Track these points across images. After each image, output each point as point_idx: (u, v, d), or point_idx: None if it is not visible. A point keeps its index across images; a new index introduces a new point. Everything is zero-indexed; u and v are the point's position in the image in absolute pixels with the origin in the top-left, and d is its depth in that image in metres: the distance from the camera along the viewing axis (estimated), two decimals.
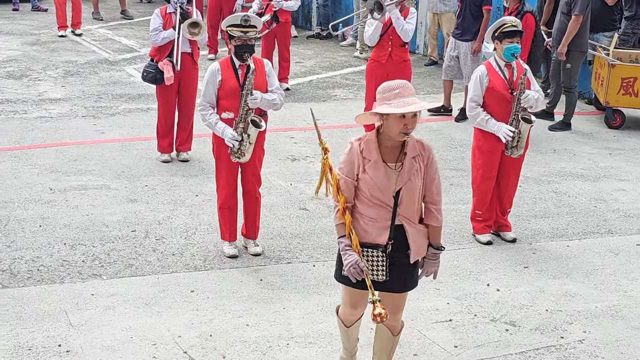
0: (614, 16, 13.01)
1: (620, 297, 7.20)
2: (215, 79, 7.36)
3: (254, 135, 7.36)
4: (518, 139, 7.92)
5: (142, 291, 6.98)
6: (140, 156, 10.17)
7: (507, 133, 7.80)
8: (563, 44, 11.71)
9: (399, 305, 5.49)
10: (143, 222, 8.31)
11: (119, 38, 17.24)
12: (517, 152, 7.99)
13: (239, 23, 7.31)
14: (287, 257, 7.74)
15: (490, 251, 8.02)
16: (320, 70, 15.20)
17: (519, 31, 7.90)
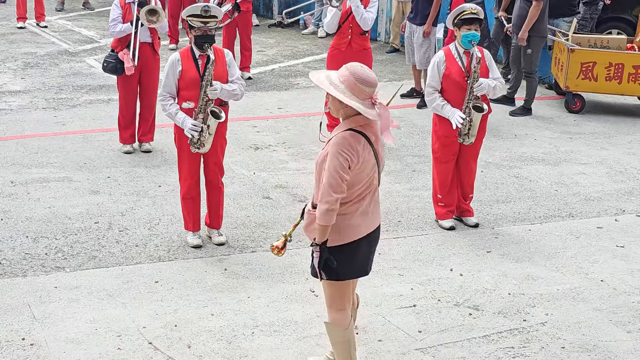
0: (572, 1, 13.10)
1: (581, 279, 7.29)
2: (176, 69, 7.34)
3: (214, 126, 7.35)
4: (469, 127, 7.95)
5: (105, 283, 6.96)
6: (102, 148, 10.12)
7: (459, 119, 7.84)
8: (524, 30, 11.78)
9: None
10: (106, 214, 8.27)
11: (79, 29, 17.10)
12: (469, 140, 8.00)
13: (199, 13, 7.29)
14: (251, 246, 7.75)
15: (453, 236, 8.07)
16: (282, 58, 15.19)
17: (478, 18, 7.90)
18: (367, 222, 5.28)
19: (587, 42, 12.47)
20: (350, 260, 5.29)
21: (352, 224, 5.22)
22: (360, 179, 5.18)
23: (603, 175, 9.79)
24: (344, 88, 5.04)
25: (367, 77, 5.03)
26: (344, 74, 5.07)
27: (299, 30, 17.73)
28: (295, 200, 8.74)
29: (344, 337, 5.48)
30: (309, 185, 9.11)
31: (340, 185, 5.06)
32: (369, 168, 5.19)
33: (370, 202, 5.30)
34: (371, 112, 5.02)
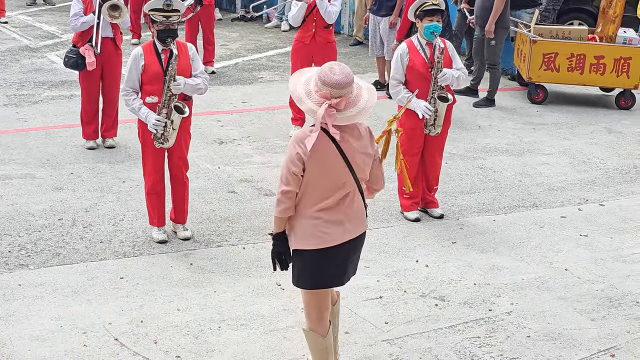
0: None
1: (545, 268, 7.34)
2: (138, 64, 7.30)
3: (177, 121, 7.32)
4: (435, 117, 7.99)
5: (70, 280, 6.91)
6: (65, 144, 10.04)
7: (424, 110, 7.87)
8: (490, 22, 11.82)
9: None
10: (70, 210, 8.21)
11: (39, 24, 16.95)
12: (435, 131, 8.03)
13: (161, 7, 7.24)
14: (216, 240, 7.73)
15: (419, 228, 8.10)
16: (246, 52, 15.15)
17: (440, 10, 7.91)
18: (340, 231, 5.10)
19: (549, 33, 12.55)
20: (323, 268, 5.16)
21: (322, 231, 5.07)
22: (323, 181, 5.03)
23: (566, 165, 9.87)
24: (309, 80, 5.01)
25: (323, 74, 4.89)
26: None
27: (263, 24, 17.70)
28: (261, 194, 8.73)
29: (322, 345, 5.40)
30: (274, 178, 9.10)
31: (287, 178, 5.00)
32: (335, 171, 5.02)
33: (344, 209, 5.11)
34: (307, 104, 4.92)
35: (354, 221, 5.16)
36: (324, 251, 5.11)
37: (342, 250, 5.16)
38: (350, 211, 5.14)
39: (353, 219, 5.16)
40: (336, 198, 5.08)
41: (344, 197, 5.10)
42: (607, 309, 6.69)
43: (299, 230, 5.13)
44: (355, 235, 5.18)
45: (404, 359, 5.98)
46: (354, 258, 5.30)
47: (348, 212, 5.12)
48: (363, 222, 5.25)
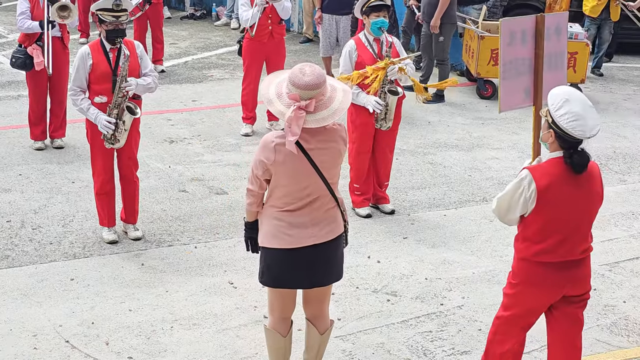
0: None
1: (496, 262, 7.41)
2: (86, 63, 7.24)
3: (129, 121, 7.27)
4: (386, 112, 7.99)
5: (19, 282, 6.84)
6: (12, 145, 9.92)
7: (375, 105, 7.86)
8: (436, 18, 11.90)
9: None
10: (18, 212, 8.12)
11: None
12: (387, 125, 8.05)
13: (110, 7, 7.18)
14: (168, 240, 7.69)
15: (370, 224, 8.13)
16: (195, 51, 15.08)
17: (386, 5, 7.95)
18: (304, 234, 5.05)
19: (497, 29, 12.62)
20: (285, 269, 5.12)
21: (285, 232, 5.05)
22: (289, 186, 4.99)
23: (515, 160, 9.95)
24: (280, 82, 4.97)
25: (293, 76, 4.85)
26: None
27: (212, 22, 17.63)
28: (212, 193, 8.70)
29: (280, 344, 5.39)
30: (225, 177, 9.08)
31: (252, 179, 5.07)
32: (302, 177, 4.96)
33: (311, 214, 5.06)
34: (276, 106, 4.88)
35: (321, 225, 5.08)
36: (286, 252, 5.08)
37: (306, 254, 5.09)
38: (317, 215, 5.07)
39: (320, 223, 5.08)
40: (303, 202, 5.03)
41: (312, 202, 5.05)
42: None
43: (264, 228, 5.14)
44: (322, 240, 5.09)
45: (357, 354, 6.01)
46: (323, 262, 5.16)
47: (315, 217, 5.06)
48: (334, 227, 5.15)
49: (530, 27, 5.83)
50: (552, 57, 5.98)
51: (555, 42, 6.00)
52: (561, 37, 6.09)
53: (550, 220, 4.92)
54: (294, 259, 5.10)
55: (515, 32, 5.83)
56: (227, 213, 8.25)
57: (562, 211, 4.94)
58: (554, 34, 6.09)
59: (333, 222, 5.15)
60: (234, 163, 9.52)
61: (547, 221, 4.96)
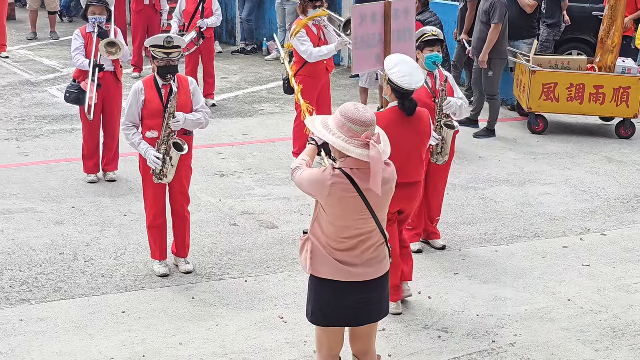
0: (532, 23, 13.23)
1: (548, 299, 7.32)
2: (139, 99, 7.33)
3: (176, 158, 7.32)
4: (442, 146, 7.97)
5: (72, 314, 6.89)
6: (66, 178, 10.04)
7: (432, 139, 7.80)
8: (484, 53, 11.88)
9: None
10: (71, 245, 8.20)
11: (40, 59, 17.02)
12: (442, 159, 8.02)
13: (162, 44, 7.27)
14: (218, 273, 7.71)
15: (421, 259, 8.08)
16: (246, 85, 15.20)
17: (440, 40, 7.96)
18: (354, 272, 5.05)
19: (548, 64, 12.60)
20: (334, 306, 5.12)
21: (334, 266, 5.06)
22: (341, 224, 4.98)
23: (567, 195, 9.86)
24: (334, 126, 4.90)
25: (356, 115, 4.84)
26: (335, 115, 4.94)
27: (262, 57, 17.77)
28: (262, 227, 8.72)
29: None
30: (275, 211, 9.10)
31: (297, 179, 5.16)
32: (352, 216, 4.96)
33: (361, 254, 5.06)
34: (355, 151, 4.82)
35: (371, 263, 5.10)
36: (336, 289, 5.08)
37: (355, 291, 5.09)
38: (368, 253, 5.09)
39: (370, 261, 5.10)
40: (355, 241, 5.04)
41: (363, 241, 5.06)
42: (610, 339, 6.66)
43: (317, 254, 5.11)
44: (371, 277, 5.11)
45: None
46: (372, 299, 5.16)
47: (366, 255, 5.08)
48: (383, 264, 5.17)
49: (380, 10, 7.91)
50: (401, 32, 8.07)
51: (403, 21, 8.08)
52: (409, 17, 8.19)
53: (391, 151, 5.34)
54: (344, 296, 5.09)
55: (365, 14, 7.86)
56: (278, 247, 8.25)
57: (398, 145, 6.22)
58: (403, 15, 8.12)
59: (383, 260, 5.17)
60: (284, 197, 9.53)
61: None
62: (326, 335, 5.27)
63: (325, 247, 5.07)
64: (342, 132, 4.86)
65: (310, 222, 5.20)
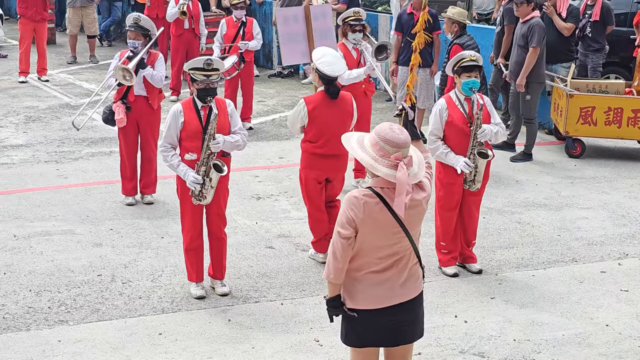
0: (570, 46, 13.20)
1: (586, 324, 7.26)
2: (178, 121, 7.40)
3: (216, 179, 7.37)
4: (475, 173, 8.00)
5: (109, 336, 6.94)
6: (104, 200, 10.14)
7: (464, 166, 7.89)
8: (522, 77, 11.86)
9: None
10: (109, 266, 8.27)
11: (80, 82, 17.21)
12: (475, 186, 8.05)
13: (201, 67, 7.34)
14: (254, 296, 7.73)
15: (457, 283, 8.06)
16: (283, 108, 15.26)
17: (478, 66, 7.97)
18: (389, 294, 5.07)
19: (586, 87, 12.54)
20: (369, 328, 5.12)
21: (371, 293, 5.06)
22: (371, 245, 5.00)
23: (605, 220, 9.79)
24: (368, 144, 4.96)
25: (389, 135, 4.89)
26: (371, 134, 5.00)
27: (299, 80, 17.84)
28: (298, 250, 8.74)
29: None
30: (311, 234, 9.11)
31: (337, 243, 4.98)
32: (385, 234, 4.98)
33: (396, 275, 5.07)
34: (382, 170, 4.86)
35: (406, 284, 5.11)
36: (376, 312, 5.07)
37: (391, 312, 5.09)
38: (402, 274, 5.10)
39: (407, 280, 5.11)
40: (389, 262, 5.05)
41: (398, 261, 5.07)
42: None
43: (348, 289, 5.12)
44: (407, 299, 5.11)
45: None
46: (408, 319, 5.17)
47: (400, 275, 5.09)
48: (418, 283, 5.19)
49: (300, 12, 9.96)
50: (322, 32, 10.06)
51: (323, 22, 10.13)
52: (327, 19, 10.39)
53: (319, 128, 8.06)
54: (379, 318, 5.09)
55: (288, 16, 9.96)
56: (314, 270, 8.26)
57: (325, 122, 8.05)
58: (321, 17, 10.21)
59: (417, 280, 5.17)
60: None
61: (317, 129, 8.08)
62: (361, 357, 5.25)
63: (360, 279, 5.06)
64: (374, 150, 4.90)
65: None
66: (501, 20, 13.22)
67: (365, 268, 5.05)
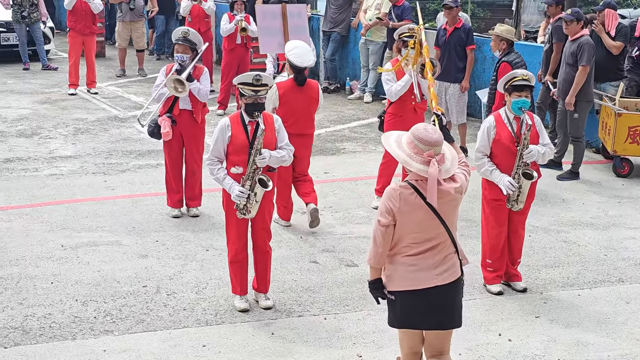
0: (619, 65, 13.10)
1: (632, 345, 7.18)
2: (225, 135, 7.45)
3: (261, 193, 7.41)
4: (518, 194, 7.91)
5: (153, 347, 6.99)
6: (150, 212, 10.23)
7: (508, 186, 7.83)
8: (571, 95, 11.77)
9: None
10: (154, 277, 8.33)
11: (128, 95, 17.40)
12: (517, 207, 7.97)
13: (250, 82, 7.39)
14: (298, 310, 7.75)
15: (501, 301, 8.01)
16: (329, 123, 15.29)
17: (529, 85, 7.89)
18: (428, 276, 5.58)
19: (635, 106, 12.43)
20: (410, 310, 5.65)
21: (410, 277, 5.60)
22: (413, 233, 5.55)
23: None
24: (404, 142, 5.56)
25: (423, 134, 5.48)
26: (408, 133, 5.59)
27: (345, 96, 17.88)
28: (342, 265, 8.75)
29: None
30: (355, 249, 9.12)
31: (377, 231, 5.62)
32: (421, 222, 5.53)
33: (434, 258, 5.60)
34: (415, 165, 5.46)
35: (443, 268, 5.62)
36: (411, 293, 5.61)
37: (431, 295, 5.60)
38: (439, 259, 5.62)
39: (442, 265, 5.62)
40: (426, 247, 5.60)
41: (434, 247, 5.61)
42: None
43: (389, 273, 5.69)
44: (445, 282, 5.61)
45: None
46: (447, 304, 5.67)
47: (437, 260, 5.61)
48: (454, 270, 5.67)
49: (278, 10, 11.58)
50: (297, 28, 11.62)
51: (297, 20, 11.65)
52: (302, 18, 11.87)
53: (287, 110, 9.34)
54: (418, 301, 5.62)
55: (266, 12, 11.79)
56: (357, 285, 8.26)
57: (293, 106, 9.40)
58: (297, 15, 11.72)
59: (453, 267, 5.67)
60: (365, 235, 9.54)
61: (286, 110, 9.29)
62: (406, 336, 5.85)
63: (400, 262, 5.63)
64: (409, 148, 5.52)
65: None
66: (549, 38, 13.15)
67: (403, 252, 5.63)
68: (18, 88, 17.78)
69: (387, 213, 5.55)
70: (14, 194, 10.79)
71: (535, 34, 16.83)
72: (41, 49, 19.99)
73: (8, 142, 13.36)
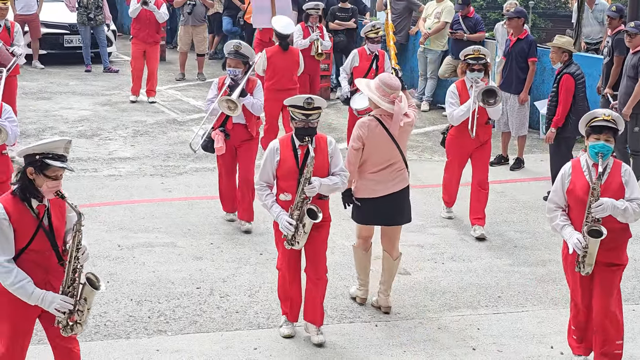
0: None
1: None
2: (274, 159, 7.11)
3: (309, 225, 7.00)
4: (584, 254, 6.52)
5: (206, 348, 7.07)
6: (206, 214, 10.32)
7: (575, 243, 6.52)
8: (628, 106, 11.64)
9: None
10: (208, 280, 8.42)
11: (187, 99, 17.54)
12: (584, 270, 6.57)
13: (301, 105, 7.01)
14: (349, 316, 7.78)
15: (554, 314, 7.95)
16: None
17: (611, 128, 6.51)
18: (382, 188, 7.56)
19: None
20: (369, 211, 7.66)
21: (372, 188, 7.56)
22: (374, 155, 7.45)
23: None
24: (373, 87, 7.45)
25: (389, 80, 7.43)
26: (375, 80, 7.53)
27: None
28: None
29: (364, 259, 7.99)
30: (408, 257, 9.11)
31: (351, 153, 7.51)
32: (384, 148, 7.46)
33: (388, 175, 7.55)
34: (384, 104, 7.39)
35: (395, 181, 7.60)
36: (372, 199, 7.58)
37: (384, 200, 7.57)
38: (393, 174, 7.58)
39: (395, 179, 7.59)
40: (384, 166, 7.52)
41: (390, 165, 7.54)
42: None
43: (357, 185, 7.61)
44: (394, 190, 7.60)
45: None
46: (398, 206, 7.69)
47: (391, 175, 7.58)
48: (403, 181, 7.66)
49: None
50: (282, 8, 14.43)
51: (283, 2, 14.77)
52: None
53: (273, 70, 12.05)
54: (375, 205, 7.61)
55: None
56: (409, 294, 8.27)
57: (278, 66, 12.12)
58: None
59: (403, 179, 7.67)
60: (418, 244, 9.55)
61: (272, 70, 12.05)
62: (362, 228, 7.91)
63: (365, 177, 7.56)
64: (378, 92, 7.42)
65: None
66: (610, 51, 13.01)
67: (367, 170, 7.54)
68: (80, 89, 18.02)
69: (358, 139, 7.43)
70: (73, 194, 10.89)
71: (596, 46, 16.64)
72: (104, 52, 20.19)
73: None
